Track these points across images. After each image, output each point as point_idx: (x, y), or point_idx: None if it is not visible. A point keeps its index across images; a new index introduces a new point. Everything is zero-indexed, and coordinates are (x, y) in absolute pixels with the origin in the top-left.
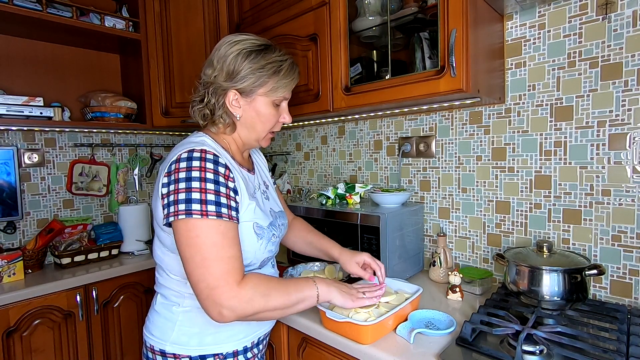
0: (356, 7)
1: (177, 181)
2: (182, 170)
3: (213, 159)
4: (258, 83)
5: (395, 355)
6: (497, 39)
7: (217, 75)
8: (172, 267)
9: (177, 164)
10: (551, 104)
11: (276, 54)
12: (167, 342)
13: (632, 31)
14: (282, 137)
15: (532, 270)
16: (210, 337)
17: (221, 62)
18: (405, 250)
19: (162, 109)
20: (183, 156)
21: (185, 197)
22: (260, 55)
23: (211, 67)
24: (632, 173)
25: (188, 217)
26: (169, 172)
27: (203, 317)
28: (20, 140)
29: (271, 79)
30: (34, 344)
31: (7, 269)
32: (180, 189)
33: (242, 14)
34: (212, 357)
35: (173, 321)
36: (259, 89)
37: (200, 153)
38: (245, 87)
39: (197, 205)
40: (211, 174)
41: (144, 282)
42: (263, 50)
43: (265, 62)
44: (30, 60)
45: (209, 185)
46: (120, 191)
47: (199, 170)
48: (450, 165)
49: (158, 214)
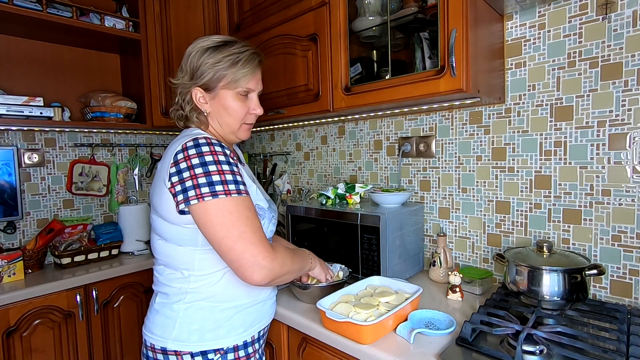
0: (356, 7)
1: (192, 167)
2: (193, 157)
3: (218, 143)
4: (216, 77)
5: (395, 355)
6: (497, 39)
7: (184, 76)
8: (179, 260)
9: (185, 152)
10: (551, 104)
11: (235, 47)
12: (168, 339)
13: (632, 31)
14: (282, 137)
15: (532, 270)
16: (210, 333)
17: (186, 63)
18: (405, 250)
19: (162, 109)
20: (189, 144)
21: (206, 181)
22: (217, 50)
23: (180, 70)
24: (632, 173)
25: (214, 198)
26: (175, 162)
27: (203, 313)
28: (20, 140)
29: (228, 71)
30: (34, 344)
31: (7, 269)
32: (198, 173)
33: (242, 14)
34: (213, 353)
35: (174, 318)
36: (219, 83)
37: (206, 140)
38: (206, 82)
39: (220, 186)
40: (222, 156)
41: (144, 282)
42: (222, 45)
43: (222, 56)
44: (30, 60)
45: (224, 166)
46: (120, 191)
47: (210, 155)
48: (450, 165)
49: (163, 207)
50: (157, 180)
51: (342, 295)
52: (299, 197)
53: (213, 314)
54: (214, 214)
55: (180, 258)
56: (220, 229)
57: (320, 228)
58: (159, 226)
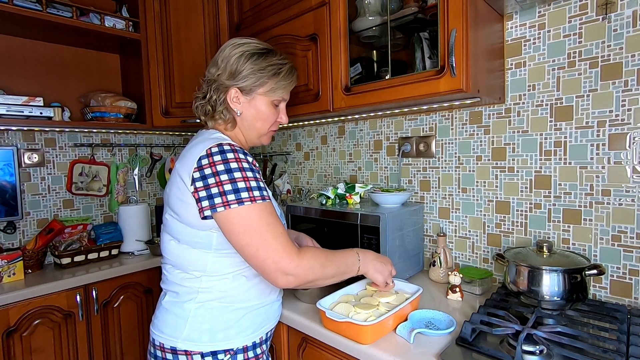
0: (356, 7)
1: (217, 174)
2: (218, 163)
3: (242, 150)
4: (258, 83)
5: (395, 355)
6: (497, 39)
7: (221, 74)
8: (191, 262)
9: (210, 158)
10: (551, 104)
11: (277, 58)
12: (178, 339)
13: (632, 31)
14: (282, 137)
15: (532, 270)
16: (221, 333)
17: (225, 62)
18: (405, 250)
19: (162, 109)
20: (214, 150)
21: (232, 188)
22: (261, 57)
23: (215, 66)
24: (632, 173)
25: (240, 206)
26: (199, 167)
27: (214, 313)
28: (20, 140)
29: (270, 80)
30: (34, 344)
31: (7, 269)
32: (224, 180)
33: (242, 14)
34: (223, 353)
35: (184, 318)
36: (258, 89)
37: (230, 146)
38: (246, 86)
39: (245, 193)
40: (246, 163)
41: (144, 282)
42: (265, 53)
43: (266, 64)
44: (30, 60)
45: (249, 173)
46: (120, 191)
47: (235, 162)
48: (450, 165)
49: (185, 210)
50: (176, 181)
51: (342, 295)
52: (299, 197)
53: (224, 314)
54: (238, 221)
55: (192, 260)
56: (244, 236)
57: (320, 228)
58: (174, 227)
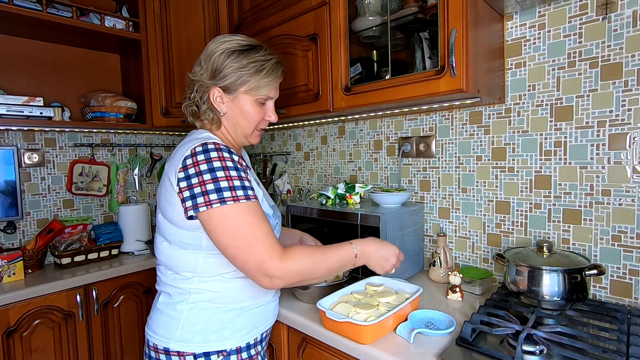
0: (356, 7)
1: (200, 173)
2: (201, 163)
3: (227, 149)
4: (239, 81)
5: (395, 355)
6: (497, 39)
7: (203, 74)
8: (182, 263)
9: (194, 157)
10: (551, 104)
11: (260, 54)
12: (171, 339)
13: (632, 31)
14: (282, 137)
15: (532, 270)
16: (214, 334)
17: (207, 61)
18: (405, 250)
19: (162, 109)
20: (198, 149)
21: (214, 187)
22: (243, 54)
23: (199, 66)
24: (632, 173)
25: (222, 205)
26: (184, 167)
27: (207, 314)
28: (20, 140)
29: (252, 77)
30: (34, 344)
31: (7, 269)
32: (207, 180)
33: (242, 14)
34: (215, 354)
35: (177, 319)
36: (240, 87)
37: (214, 145)
38: (227, 84)
39: (228, 192)
40: (230, 162)
41: (144, 282)
42: (247, 50)
43: (247, 62)
44: (31, 60)
45: (232, 172)
46: (120, 191)
47: (219, 160)
48: (450, 165)
49: (171, 211)
50: (164, 182)
51: (342, 296)
52: (299, 197)
53: (217, 315)
54: (219, 221)
55: (183, 261)
56: (224, 238)
57: (320, 228)
58: (164, 228)
